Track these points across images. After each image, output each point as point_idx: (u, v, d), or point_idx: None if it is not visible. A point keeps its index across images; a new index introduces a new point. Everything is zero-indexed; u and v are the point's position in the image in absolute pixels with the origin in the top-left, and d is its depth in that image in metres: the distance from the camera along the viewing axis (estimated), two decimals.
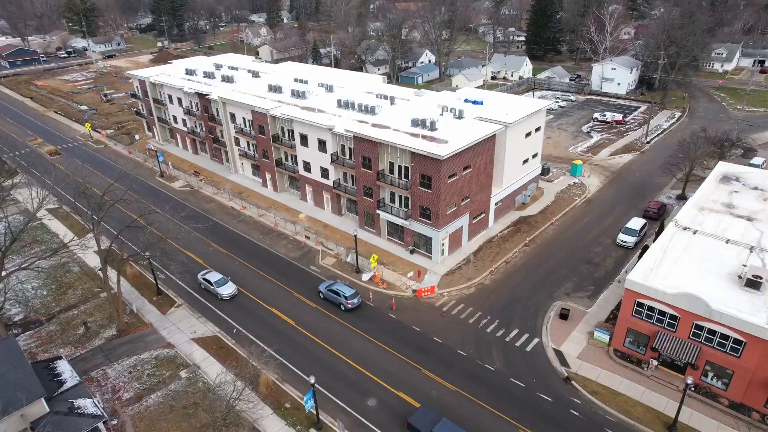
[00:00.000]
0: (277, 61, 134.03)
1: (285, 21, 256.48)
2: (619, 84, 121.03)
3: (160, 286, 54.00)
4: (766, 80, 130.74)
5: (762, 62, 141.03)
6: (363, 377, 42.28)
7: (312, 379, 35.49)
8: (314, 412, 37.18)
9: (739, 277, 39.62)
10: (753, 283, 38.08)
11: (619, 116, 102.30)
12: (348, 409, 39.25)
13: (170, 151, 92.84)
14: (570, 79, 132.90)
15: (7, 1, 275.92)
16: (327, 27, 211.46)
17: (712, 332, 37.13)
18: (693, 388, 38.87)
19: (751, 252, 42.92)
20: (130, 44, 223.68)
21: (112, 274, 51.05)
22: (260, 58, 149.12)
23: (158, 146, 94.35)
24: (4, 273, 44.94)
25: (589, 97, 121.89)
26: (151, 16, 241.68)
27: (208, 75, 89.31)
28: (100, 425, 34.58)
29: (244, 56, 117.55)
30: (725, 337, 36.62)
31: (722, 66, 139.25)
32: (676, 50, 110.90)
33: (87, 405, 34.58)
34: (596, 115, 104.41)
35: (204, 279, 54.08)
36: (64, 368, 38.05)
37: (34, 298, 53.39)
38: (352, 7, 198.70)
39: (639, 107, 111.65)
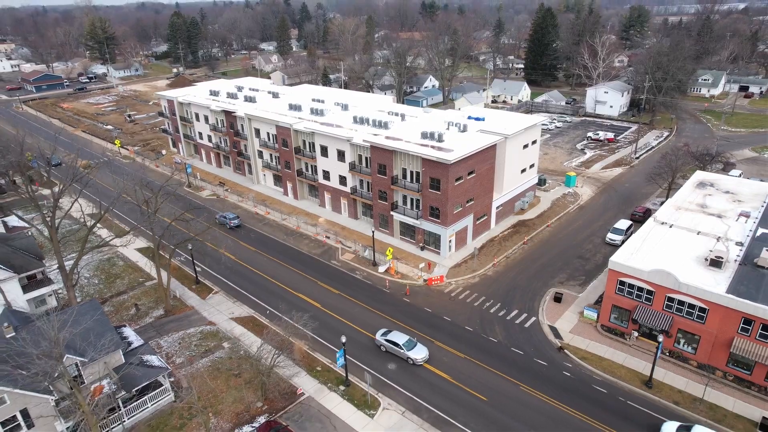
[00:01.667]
0: (289, 86, 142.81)
1: (294, 49, 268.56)
2: (611, 106, 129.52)
3: (198, 277, 60.67)
4: (750, 104, 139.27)
5: (745, 88, 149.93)
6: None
7: (343, 338, 41.96)
8: (344, 370, 43.46)
9: (706, 259, 46.36)
10: (715, 263, 44.88)
11: (611, 135, 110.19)
12: (371, 371, 45.51)
13: (195, 165, 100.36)
14: (566, 103, 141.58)
15: (27, 32, 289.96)
16: (335, 54, 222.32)
17: (682, 303, 43.70)
18: (667, 353, 45.26)
19: (718, 241, 49.71)
20: (147, 70, 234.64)
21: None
22: (273, 83, 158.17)
23: (185, 160, 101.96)
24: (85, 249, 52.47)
25: (583, 118, 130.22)
26: (167, 43, 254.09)
27: (231, 96, 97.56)
28: (164, 377, 40.91)
29: (263, 80, 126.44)
30: (692, 306, 43.19)
31: (709, 91, 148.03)
32: (662, 75, 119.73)
33: (153, 359, 40.98)
34: (590, 134, 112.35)
35: (387, 341, 47.59)
36: (130, 333, 44.59)
37: (87, 285, 60.15)
38: (359, 36, 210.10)
39: (630, 127, 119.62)
